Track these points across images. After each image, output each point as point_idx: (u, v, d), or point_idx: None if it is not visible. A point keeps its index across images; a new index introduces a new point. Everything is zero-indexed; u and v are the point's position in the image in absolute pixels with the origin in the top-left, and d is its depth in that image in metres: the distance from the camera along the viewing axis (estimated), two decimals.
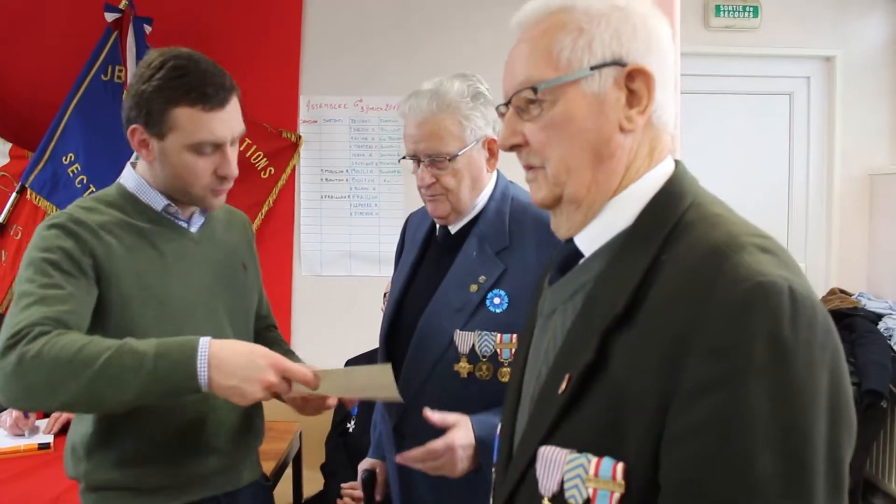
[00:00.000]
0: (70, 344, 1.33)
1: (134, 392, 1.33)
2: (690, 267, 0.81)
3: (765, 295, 0.74)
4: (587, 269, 0.96)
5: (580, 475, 0.84)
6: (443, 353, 1.65)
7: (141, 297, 1.53)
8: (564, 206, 0.97)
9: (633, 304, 0.84)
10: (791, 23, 4.16)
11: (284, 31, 4.06)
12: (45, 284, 1.43)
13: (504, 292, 1.63)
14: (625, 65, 0.91)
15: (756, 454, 0.72)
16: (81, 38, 3.80)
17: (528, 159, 0.98)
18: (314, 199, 4.18)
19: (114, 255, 1.51)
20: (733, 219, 0.88)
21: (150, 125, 1.53)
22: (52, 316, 1.38)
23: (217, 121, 1.53)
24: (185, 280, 1.61)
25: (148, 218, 1.61)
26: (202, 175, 1.56)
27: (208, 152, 1.55)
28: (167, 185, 1.61)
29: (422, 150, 1.67)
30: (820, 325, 0.76)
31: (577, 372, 0.86)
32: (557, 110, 0.93)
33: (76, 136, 3.73)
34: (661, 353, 0.78)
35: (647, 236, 0.89)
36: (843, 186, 4.24)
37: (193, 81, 1.50)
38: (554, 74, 0.92)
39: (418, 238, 1.86)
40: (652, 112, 0.93)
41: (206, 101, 1.51)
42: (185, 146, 1.53)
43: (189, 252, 1.64)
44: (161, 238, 1.61)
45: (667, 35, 0.96)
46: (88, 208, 1.56)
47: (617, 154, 0.93)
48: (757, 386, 0.72)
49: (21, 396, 1.35)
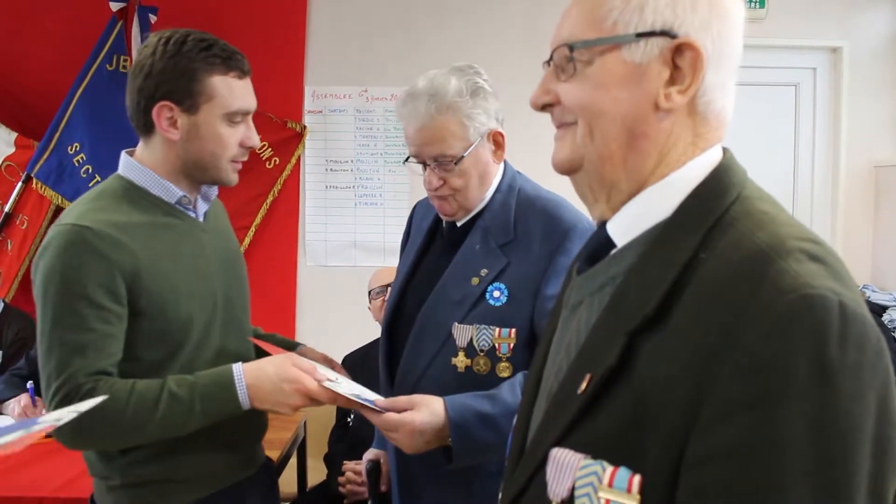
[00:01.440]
0: (119, 403, 1.44)
1: (187, 431, 1.50)
2: (730, 270, 0.74)
3: (811, 309, 0.67)
4: (618, 260, 0.88)
5: (593, 483, 0.77)
6: (441, 347, 1.63)
7: (171, 297, 1.52)
8: (584, 175, 0.90)
9: (664, 304, 0.77)
10: (797, 14, 4.14)
11: (289, 21, 4.06)
12: (79, 328, 1.44)
13: (504, 286, 1.60)
14: (675, 36, 0.83)
15: (789, 487, 0.65)
16: (86, 28, 3.80)
17: (562, 116, 0.90)
18: (319, 190, 4.18)
19: (140, 263, 1.49)
20: (782, 218, 0.80)
21: (181, 100, 1.51)
22: (93, 370, 1.45)
23: (247, 89, 1.58)
24: (205, 273, 1.61)
25: (162, 211, 1.58)
26: (231, 146, 1.57)
27: (238, 121, 1.57)
28: (191, 165, 1.57)
29: (426, 153, 1.63)
30: (871, 347, 0.69)
31: (599, 373, 0.79)
32: (592, 71, 0.86)
33: (81, 126, 3.74)
34: (690, 364, 0.71)
35: (685, 230, 0.81)
36: (848, 178, 4.23)
37: (223, 51, 1.54)
38: (595, 35, 0.85)
39: (424, 227, 1.84)
40: (698, 96, 0.85)
41: (238, 69, 1.55)
42: (221, 115, 1.54)
43: (202, 243, 1.63)
44: (177, 231, 1.59)
45: (737, 14, 0.87)
46: (101, 209, 1.51)
47: (650, 134, 0.85)
48: (795, 410, 0.65)
49: (81, 447, 1.53)
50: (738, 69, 0.89)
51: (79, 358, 1.44)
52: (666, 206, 0.85)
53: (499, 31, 3.94)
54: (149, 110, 1.53)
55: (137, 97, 1.54)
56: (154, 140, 1.57)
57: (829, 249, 0.77)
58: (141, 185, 1.58)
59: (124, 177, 1.59)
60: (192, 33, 1.54)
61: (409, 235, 1.95)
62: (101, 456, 1.57)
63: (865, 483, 0.67)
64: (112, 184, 1.60)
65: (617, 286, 0.86)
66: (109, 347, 1.47)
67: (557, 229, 1.60)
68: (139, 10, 3.74)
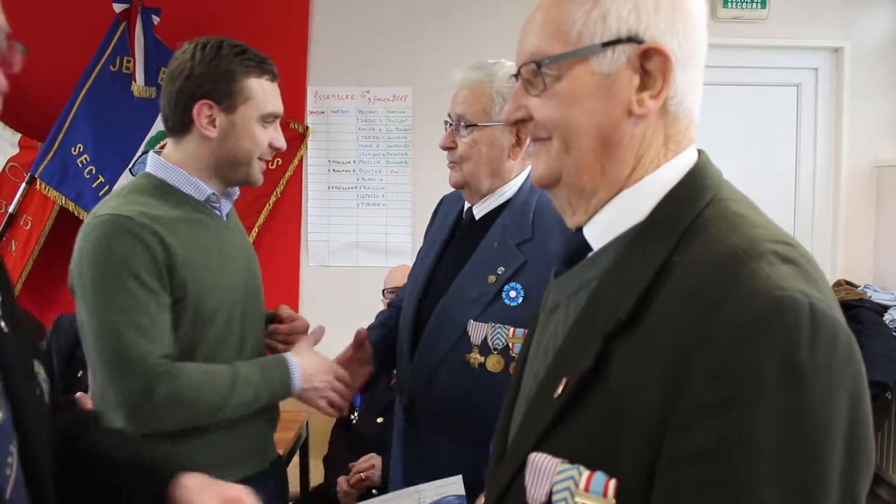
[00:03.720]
0: (197, 386, 1.52)
1: (251, 411, 1.61)
2: (703, 273, 0.74)
3: (781, 311, 0.68)
4: (594, 264, 0.88)
5: (569, 488, 0.77)
6: (455, 342, 1.64)
7: (201, 288, 1.56)
8: (563, 189, 0.90)
9: (638, 308, 0.77)
10: (799, 14, 4.14)
11: (292, 22, 4.06)
12: (137, 310, 1.48)
13: (521, 286, 1.62)
14: (641, 42, 0.82)
15: (761, 488, 0.66)
16: (90, 29, 3.81)
17: (535, 131, 0.90)
18: (321, 190, 4.19)
19: (174, 254, 1.53)
20: (756, 220, 0.80)
21: (221, 99, 1.58)
22: (161, 353, 1.50)
23: (277, 93, 1.67)
24: (229, 269, 1.65)
25: (191, 207, 1.63)
26: (263, 145, 1.64)
27: (270, 122, 1.65)
28: (224, 163, 1.63)
29: (452, 110, 1.71)
30: (842, 348, 0.69)
31: (575, 377, 0.80)
32: (562, 87, 0.85)
33: (85, 127, 3.75)
34: (663, 367, 0.72)
35: (660, 233, 0.81)
36: (849, 178, 4.23)
37: (256, 56, 1.63)
38: (561, 49, 0.84)
39: (449, 221, 1.86)
40: (670, 97, 0.84)
41: (270, 73, 1.65)
42: (256, 117, 1.61)
43: (226, 239, 1.68)
44: (207, 229, 1.63)
45: (698, 13, 0.86)
46: (138, 203, 1.55)
47: (625, 141, 0.85)
48: (766, 412, 0.66)
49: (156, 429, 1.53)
50: (704, 66, 0.88)
51: (146, 341, 1.48)
52: (641, 209, 0.85)
53: (502, 32, 3.94)
54: (188, 109, 1.59)
55: (176, 97, 1.60)
56: (187, 139, 1.63)
57: (803, 251, 0.77)
58: (171, 182, 1.63)
59: (154, 175, 1.64)
60: (225, 40, 1.62)
61: (432, 227, 1.97)
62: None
63: (838, 483, 0.67)
64: (142, 181, 1.64)
65: (592, 290, 0.86)
66: (167, 330, 1.53)
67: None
68: (142, 11, 3.74)
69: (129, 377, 1.47)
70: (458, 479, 1.56)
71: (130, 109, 3.77)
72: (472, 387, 1.62)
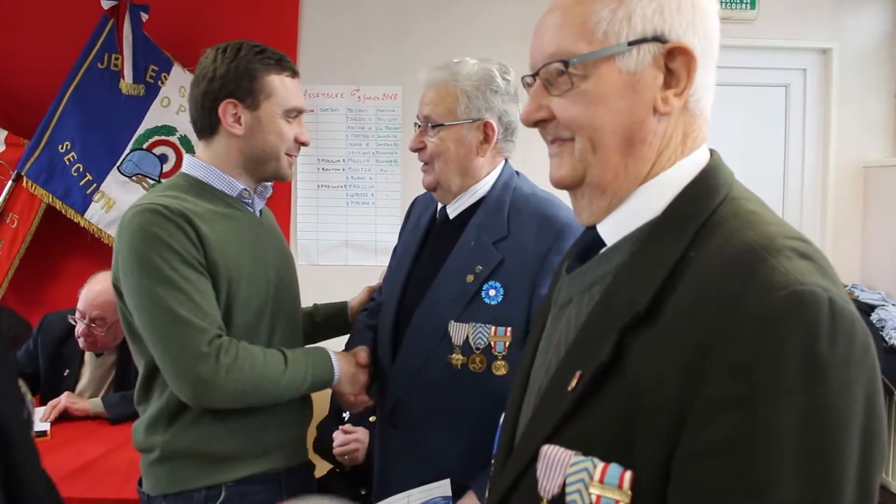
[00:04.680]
0: (256, 359, 1.58)
1: (299, 394, 1.67)
2: (721, 268, 0.75)
3: (801, 306, 0.68)
4: (608, 259, 0.89)
5: (584, 479, 0.78)
6: (437, 344, 1.64)
7: (235, 277, 1.61)
8: (587, 189, 0.90)
9: (655, 302, 0.77)
10: (788, 15, 4.16)
11: (281, 20, 4.05)
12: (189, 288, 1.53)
13: (500, 284, 1.61)
14: (666, 41, 0.84)
15: (780, 480, 0.66)
16: (78, 26, 3.78)
17: (557, 132, 0.90)
18: (311, 189, 4.18)
19: (209, 243, 1.58)
20: (770, 218, 0.81)
21: (244, 97, 1.65)
22: (219, 325, 1.56)
23: (298, 88, 1.73)
24: (263, 261, 1.70)
25: (225, 203, 1.68)
26: (288, 140, 1.70)
27: (294, 117, 1.71)
28: (253, 159, 1.69)
29: (421, 112, 1.72)
30: (859, 342, 0.70)
31: (590, 370, 0.80)
32: (589, 86, 0.85)
33: (72, 125, 3.72)
34: (682, 361, 0.72)
35: (675, 229, 0.82)
36: (837, 178, 4.25)
37: (275, 54, 1.69)
38: (588, 48, 0.85)
39: (422, 223, 1.85)
40: (690, 95, 0.86)
41: (289, 70, 1.70)
42: (279, 112, 1.67)
43: (260, 235, 1.74)
44: (240, 222, 1.69)
45: (713, 11, 0.88)
46: (174, 197, 1.60)
47: (648, 139, 0.86)
48: (785, 406, 0.66)
49: (222, 403, 1.57)
50: (716, 65, 0.90)
51: (200, 314, 1.53)
52: (656, 205, 0.86)
53: (493, 31, 3.94)
54: (214, 110, 1.66)
55: (202, 100, 1.66)
56: (217, 139, 1.69)
57: (817, 248, 0.78)
58: (204, 179, 1.69)
59: (188, 174, 1.70)
60: (245, 42, 1.68)
61: (405, 228, 1.96)
62: (150, 428, 1.62)
63: (854, 476, 0.68)
64: (176, 180, 1.70)
65: (607, 284, 0.86)
66: (216, 306, 1.58)
67: (551, 228, 1.62)
68: (131, 8, 3.72)
69: (192, 348, 1.50)
70: (446, 483, 1.57)
71: (118, 107, 3.75)
72: (456, 388, 1.61)
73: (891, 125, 4.25)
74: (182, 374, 1.52)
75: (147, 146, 3.87)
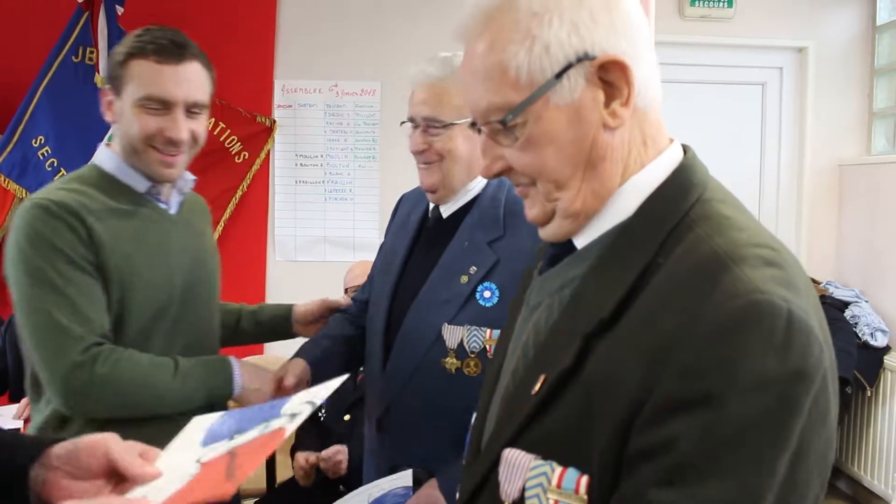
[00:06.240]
0: (138, 370, 1.47)
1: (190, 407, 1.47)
2: (684, 275, 0.74)
3: (759, 315, 0.68)
4: (578, 262, 0.87)
5: (542, 484, 0.77)
6: (430, 348, 1.58)
7: (127, 281, 1.51)
8: (558, 219, 0.87)
9: (620, 308, 0.77)
10: (765, 14, 4.19)
11: (259, 14, 4.02)
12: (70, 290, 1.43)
13: (495, 285, 1.55)
14: (593, 58, 0.79)
15: (716, 482, 0.67)
16: (52, 19, 3.73)
17: (517, 179, 0.88)
18: (288, 185, 4.15)
19: (104, 243, 1.48)
20: (741, 222, 0.79)
21: (113, 83, 1.54)
22: (100, 332, 1.46)
23: (170, 76, 1.51)
24: (167, 264, 1.59)
25: (130, 200, 1.57)
26: (143, 132, 1.52)
27: (156, 109, 1.51)
28: (127, 151, 1.56)
29: (419, 113, 1.61)
30: (813, 356, 0.70)
31: (554, 374, 0.79)
32: (533, 132, 0.82)
33: (46, 119, 3.67)
34: (637, 364, 0.72)
35: (645, 234, 0.80)
36: (813, 176, 4.30)
37: (151, 36, 1.52)
38: (518, 97, 0.81)
39: (411, 223, 1.78)
40: (635, 97, 0.82)
41: (160, 54, 1.50)
42: (135, 99, 1.51)
43: (170, 235, 1.62)
44: (145, 221, 1.58)
45: (628, 4, 0.83)
46: (73, 190, 1.51)
47: (609, 155, 0.83)
48: (731, 412, 0.67)
49: (93, 412, 1.47)
50: (652, 49, 0.85)
51: (80, 319, 1.43)
52: (625, 208, 0.84)
53: None
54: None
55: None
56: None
57: (787, 256, 0.77)
58: (112, 172, 1.58)
59: (98, 165, 1.60)
60: (153, 27, 1.56)
61: (392, 227, 1.88)
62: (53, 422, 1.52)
63: (776, 491, 0.68)
64: (83, 171, 1.60)
65: (575, 288, 0.85)
66: (104, 310, 1.48)
67: None
68: (105, 1, 3.67)
69: (65, 355, 1.42)
70: (408, 473, 1.54)
71: (93, 101, 3.66)
72: (450, 393, 1.55)
73: (865, 124, 4.30)
74: (55, 381, 1.44)
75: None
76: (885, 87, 4.23)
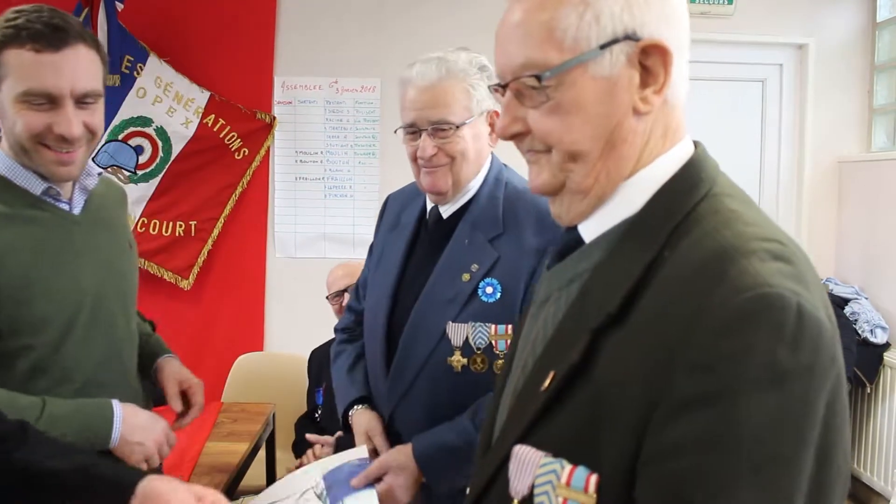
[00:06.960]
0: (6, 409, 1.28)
1: None
2: (691, 268, 0.73)
3: (768, 308, 0.67)
4: (586, 256, 0.86)
5: (551, 482, 0.76)
6: (435, 347, 1.57)
7: (26, 295, 1.38)
8: (567, 194, 0.86)
9: (627, 302, 0.76)
10: (765, 10, 4.19)
11: (259, 11, 4.01)
12: None
13: (497, 281, 1.56)
14: (638, 39, 0.79)
15: (736, 482, 0.65)
16: None
17: (532, 145, 0.86)
18: (288, 181, 4.15)
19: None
20: (749, 217, 0.79)
21: None
22: None
23: (50, 66, 1.33)
24: (72, 270, 1.46)
25: (26, 203, 1.42)
26: (28, 131, 1.36)
27: (40, 104, 1.35)
28: (16, 152, 1.41)
29: (425, 117, 1.58)
30: (825, 351, 0.69)
31: (562, 371, 0.78)
32: (564, 97, 0.81)
33: None
34: (648, 361, 0.71)
35: (652, 228, 0.80)
36: (812, 173, 4.29)
37: (25, 20, 1.33)
38: (559, 58, 0.80)
39: (406, 224, 1.76)
40: (668, 88, 0.82)
41: (36, 40, 1.31)
42: (16, 95, 1.34)
43: (74, 238, 1.49)
44: (41, 225, 1.43)
45: (682, 1, 0.84)
46: None
47: (630, 139, 0.82)
48: (745, 409, 0.65)
49: None
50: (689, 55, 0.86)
51: None
52: (634, 202, 0.83)
53: (472, 23, 3.92)
54: None
55: None
56: None
57: (795, 250, 0.76)
58: (4, 174, 1.43)
59: None
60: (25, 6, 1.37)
61: (382, 229, 1.87)
62: None
63: (806, 488, 0.67)
64: None
65: (584, 282, 0.85)
66: None
67: (550, 221, 1.58)
68: None
69: None
70: (363, 448, 1.58)
71: None
72: (457, 391, 1.55)
73: (865, 120, 4.29)
74: None
75: (122, 137, 3.83)
76: (886, 84, 4.23)
